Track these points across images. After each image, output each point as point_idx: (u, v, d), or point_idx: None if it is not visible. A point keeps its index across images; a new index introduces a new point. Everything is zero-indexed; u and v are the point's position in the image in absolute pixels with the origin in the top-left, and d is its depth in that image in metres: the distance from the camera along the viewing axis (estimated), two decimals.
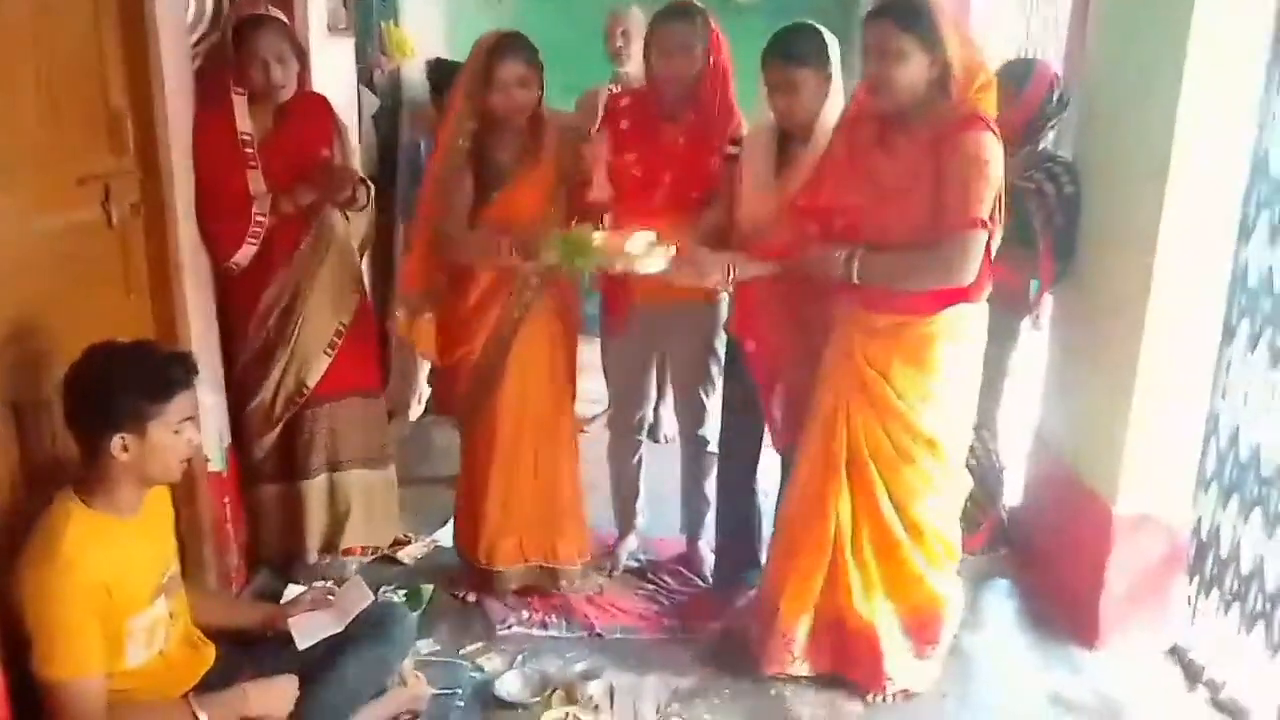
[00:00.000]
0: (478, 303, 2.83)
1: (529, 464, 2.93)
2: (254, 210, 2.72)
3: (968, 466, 2.65)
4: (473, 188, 2.77)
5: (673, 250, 2.53)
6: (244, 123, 2.74)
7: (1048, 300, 3.11)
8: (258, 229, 2.73)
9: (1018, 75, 2.98)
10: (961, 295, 2.33)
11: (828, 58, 2.59)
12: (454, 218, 2.76)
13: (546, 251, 2.58)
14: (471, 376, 2.89)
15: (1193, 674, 2.74)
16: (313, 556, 3.04)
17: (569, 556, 3.03)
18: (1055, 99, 2.99)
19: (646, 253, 2.52)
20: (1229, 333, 2.65)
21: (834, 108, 2.59)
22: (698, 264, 2.53)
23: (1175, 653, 2.83)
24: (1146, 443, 2.72)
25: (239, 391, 2.91)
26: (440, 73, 4.04)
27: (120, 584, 1.89)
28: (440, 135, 2.83)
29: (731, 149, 2.79)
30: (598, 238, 2.57)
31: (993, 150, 2.23)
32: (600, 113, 3.19)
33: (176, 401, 1.91)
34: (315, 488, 3.01)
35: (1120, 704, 2.65)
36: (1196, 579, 2.80)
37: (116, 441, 1.85)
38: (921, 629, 2.58)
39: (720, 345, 3.00)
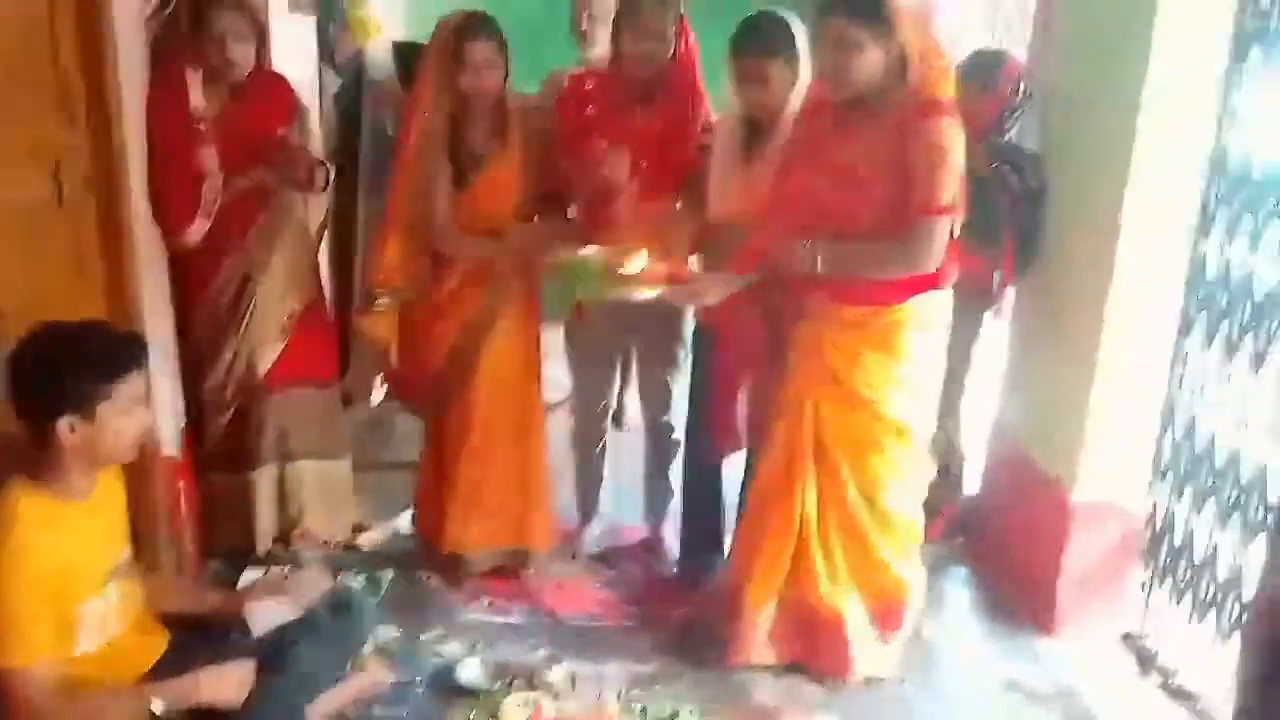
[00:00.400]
0: (454, 291, 2.80)
1: (499, 450, 2.91)
2: (204, 188, 2.66)
3: (931, 456, 2.67)
4: (450, 175, 2.72)
5: (666, 278, 2.52)
6: (198, 99, 2.68)
7: (1009, 291, 3.13)
8: (208, 207, 2.67)
9: (989, 65, 2.99)
10: (929, 282, 2.34)
11: (796, 47, 2.58)
12: (438, 208, 2.71)
13: (550, 278, 2.57)
14: (444, 361, 2.85)
15: (1145, 660, 2.79)
16: (262, 548, 2.99)
17: (537, 541, 3.02)
18: (1021, 90, 3.01)
19: (643, 280, 2.50)
20: (1187, 325, 2.68)
21: (801, 96, 2.59)
22: (694, 290, 2.53)
23: (1129, 639, 2.88)
24: (1104, 432, 2.76)
25: (192, 374, 2.85)
26: (409, 55, 3.97)
27: (71, 569, 1.85)
28: (409, 121, 2.77)
29: (705, 139, 2.77)
30: (595, 261, 2.52)
31: (954, 136, 2.24)
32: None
33: (126, 383, 1.86)
34: (264, 477, 2.96)
35: (1075, 690, 2.68)
36: (1151, 567, 2.85)
37: (64, 424, 1.80)
38: (886, 614, 2.60)
39: (687, 331, 2.99)
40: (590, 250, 2.57)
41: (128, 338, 1.96)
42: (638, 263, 2.50)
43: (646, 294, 2.51)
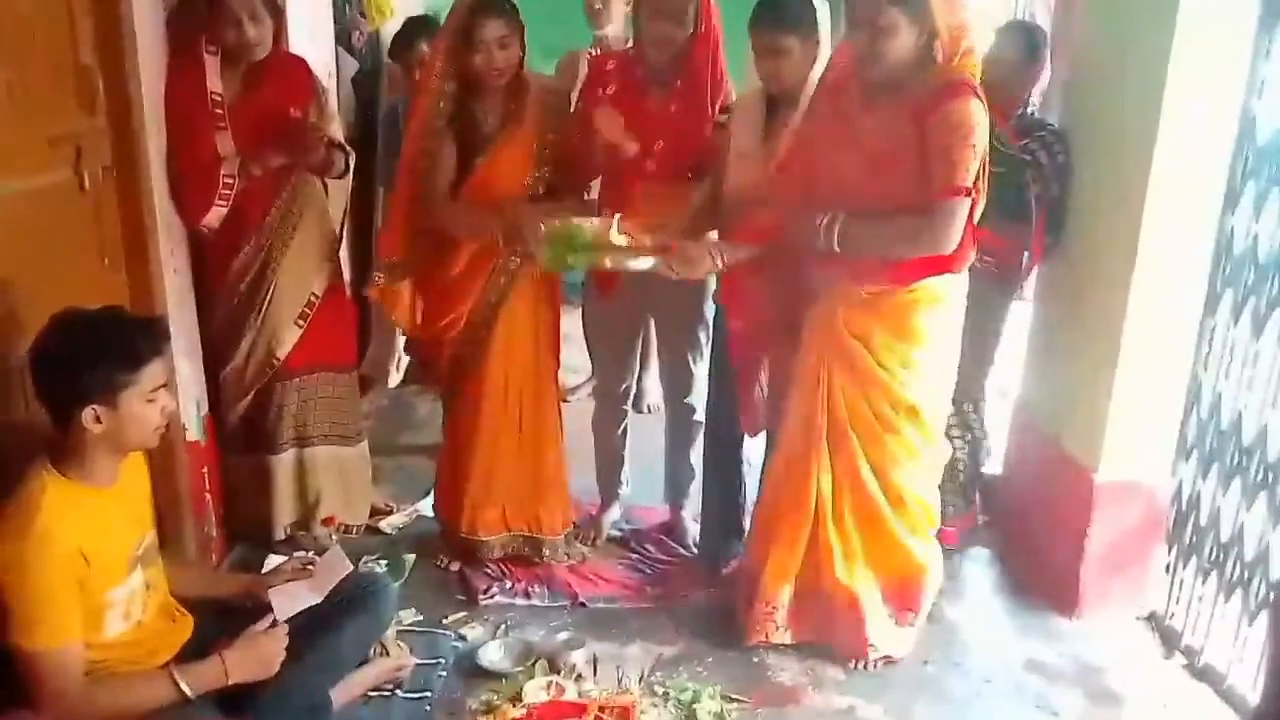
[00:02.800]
0: (463, 271, 2.79)
1: (513, 434, 2.91)
2: (222, 172, 2.66)
3: (956, 441, 2.66)
4: (455, 153, 2.71)
5: (657, 248, 2.50)
6: (215, 82, 2.67)
7: (1034, 270, 3.10)
8: (226, 191, 2.67)
9: (1030, 37, 2.96)
10: (944, 265, 2.32)
11: (815, 22, 2.55)
12: (438, 185, 2.71)
13: (537, 250, 2.55)
14: (456, 346, 2.85)
15: (1170, 641, 2.77)
16: (280, 533, 3.01)
17: (552, 526, 3.01)
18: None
19: (634, 250, 2.48)
20: (1212, 302, 2.65)
21: (819, 71, 2.56)
22: (687, 258, 2.49)
23: (1153, 619, 2.86)
24: (1128, 411, 2.73)
25: (213, 359, 2.87)
26: (408, 33, 3.95)
27: (97, 554, 1.86)
28: (418, 98, 2.77)
29: (720, 118, 2.75)
30: (588, 232, 2.51)
31: (978, 117, 2.21)
32: (582, 76, 3.14)
33: (149, 370, 1.86)
34: (283, 463, 2.97)
35: (1098, 670, 2.67)
36: (1175, 547, 2.82)
37: (89, 413, 1.81)
38: (902, 596, 2.60)
39: (709, 311, 2.98)
40: (580, 219, 2.56)
41: (150, 324, 1.96)
42: (623, 237, 2.49)
43: (639, 264, 2.49)
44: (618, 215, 2.53)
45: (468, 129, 2.72)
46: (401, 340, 4.23)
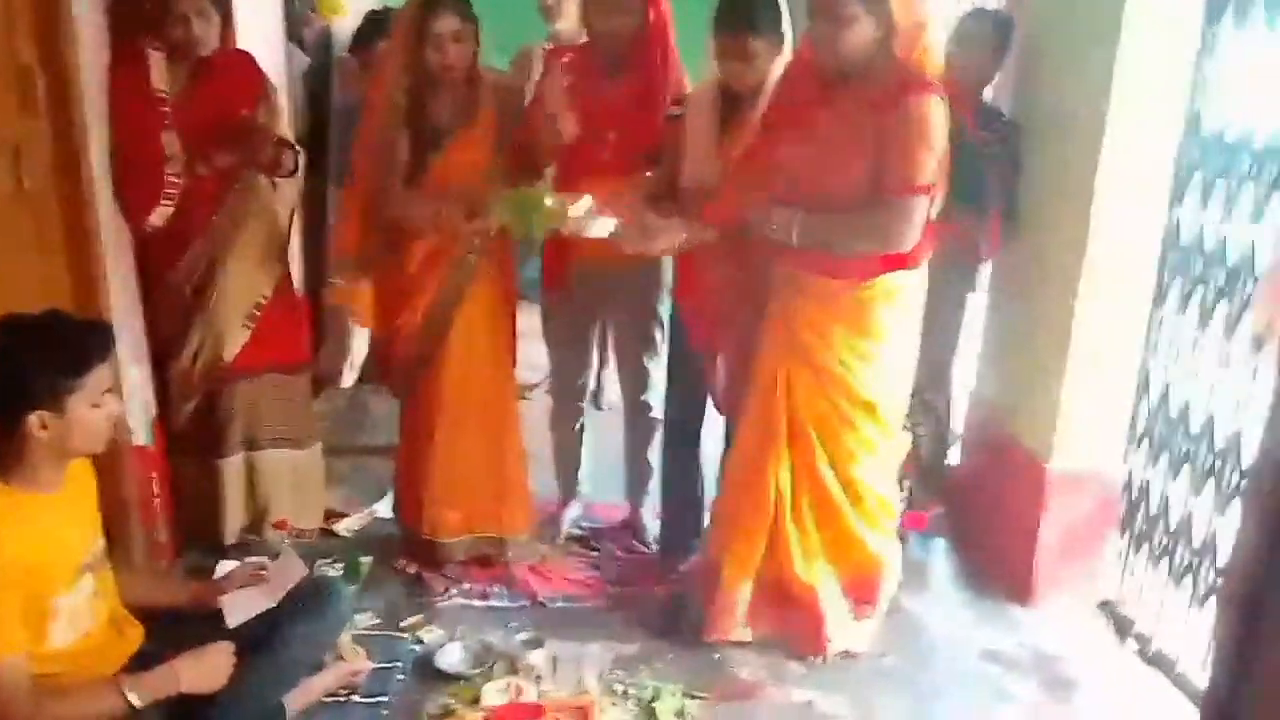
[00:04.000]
0: (419, 268, 2.76)
1: (472, 433, 2.88)
2: (167, 171, 2.61)
3: (919, 428, 2.69)
4: (409, 149, 2.69)
5: (619, 214, 2.49)
6: (160, 80, 2.62)
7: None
8: (171, 191, 2.63)
9: (999, 25, 2.98)
10: (901, 261, 2.33)
11: (780, 23, 2.55)
12: (393, 179, 2.68)
13: (497, 210, 2.54)
14: (412, 344, 2.82)
15: (1123, 628, 2.82)
16: (231, 538, 2.96)
17: (515, 525, 3.00)
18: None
19: (594, 217, 2.47)
20: (1161, 292, 2.69)
21: (782, 68, 2.56)
22: (645, 230, 2.48)
23: (1106, 607, 2.91)
24: (1080, 400, 2.77)
25: (160, 361, 2.81)
26: (369, 28, 3.91)
27: (42, 562, 1.82)
28: (372, 94, 2.74)
29: (674, 110, 2.74)
30: (547, 197, 2.51)
31: (937, 115, 2.22)
32: (537, 70, 3.12)
33: (94, 374, 1.83)
34: (232, 466, 2.93)
35: (1053, 658, 2.71)
36: (1127, 534, 2.87)
37: (33, 419, 1.77)
38: (860, 590, 2.61)
39: (664, 309, 2.98)
40: (534, 189, 2.57)
41: (93, 327, 1.92)
42: (583, 205, 2.49)
43: (598, 229, 2.48)
44: (585, 194, 2.53)
45: (422, 124, 2.69)
46: (356, 340, 4.19)
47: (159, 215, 2.63)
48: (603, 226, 2.48)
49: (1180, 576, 2.63)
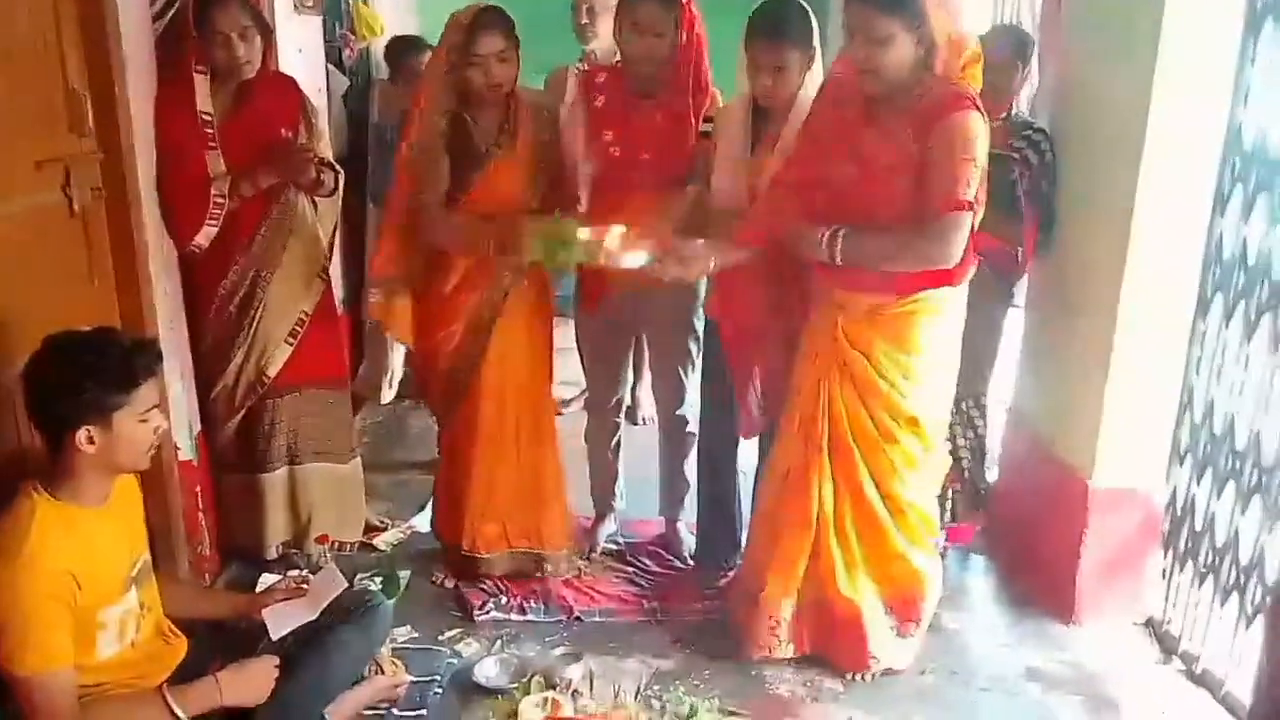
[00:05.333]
0: (458, 286, 2.79)
1: (511, 448, 2.91)
2: (213, 192, 2.66)
3: (960, 440, 2.67)
4: (451, 168, 2.71)
5: (652, 244, 2.49)
6: (204, 102, 2.67)
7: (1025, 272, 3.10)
8: (217, 211, 2.67)
9: (1020, 41, 2.96)
10: (945, 278, 2.31)
11: (812, 34, 2.56)
12: (432, 200, 2.70)
13: (530, 248, 2.55)
14: (451, 360, 2.85)
15: (1168, 646, 2.77)
16: (273, 551, 3.00)
17: (553, 540, 3.01)
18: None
19: (627, 247, 2.48)
20: (1203, 306, 2.66)
21: (814, 82, 2.57)
22: (680, 259, 2.47)
23: (1150, 625, 2.86)
24: (1122, 416, 2.73)
25: (204, 377, 2.86)
26: (397, 50, 3.97)
27: (89, 575, 1.85)
28: (413, 115, 2.76)
29: (705, 126, 2.76)
30: (581, 232, 2.51)
31: (979, 131, 2.21)
32: (572, 90, 3.15)
33: (142, 390, 1.86)
34: (274, 481, 2.96)
35: (1096, 677, 2.67)
36: (1171, 552, 2.82)
37: (82, 434, 1.80)
38: (904, 607, 2.59)
39: (699, 323, 2.99)
40: (572, 220, 2.58)
41: (142, 344, 1.95)
42: (614, 236, 2.49)
43: (632, 261, 2.48)
44: (615, 226, 2.53)
45: (464, 144, 2.72)
46: (395, 356, 4.23)
47: (204, 235, 2.68)
48: (636, 258, 2.49)
49: (1226, 594, 2.58)
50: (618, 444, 3.26)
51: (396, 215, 2.82)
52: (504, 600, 2.92)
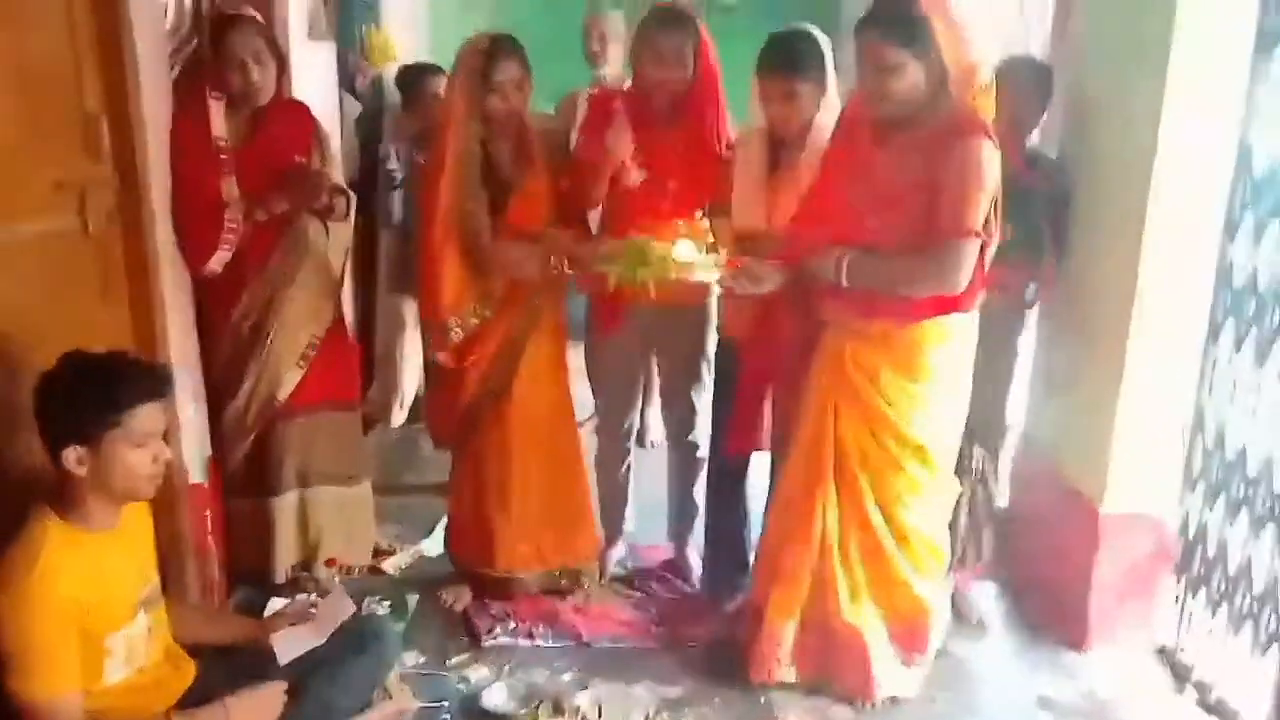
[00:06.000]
0: (495, 313, 2.80)
1: (542, 468, 2.92)
2: (226, 217, 2.68)
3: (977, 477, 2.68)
4: (487, 197, 2.73)
5: (723, 257, 2.51)
6: (219, 128, 2.69)
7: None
8: (230, 235, 2.69)
9: (1037, 71, 2.87)
10: (953, 304, 2.32)
11: (824, 65, 2.57)
12: (483, 230, 2.71)
13: (607, 265, 2.56)
14: (481, 384, 2.85)
15: (1181, 674, 2.74)
16: (280, 576, 2.99)
17: (587, 554, 3.04)
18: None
19: (700, 261, 2.50)
20: (1214, 331, 2.65)
21: (827, 110, 2.58)
22: (753, 275, 2.47)
23: (1163, 653, 2.84)
24: (1133, 442, 2.72)
25: (215, 401, 2.86)
26: (408, 77, 4.00)
27: (98, 600, 1.86)
28: (442, 145, 2.72)
29: (727, 153, 2.77)
30: (656, 247, 2.52)
31: (990, 158, 2.22)
32: (581, 115, 3.17)
33: (134, 414, 1.83)
34: (285, 505, 2.95)
35: (1109, 705, 2.65)
36: (1184, 579, 2.80)
37: (70, 455, 1.79)
38: (909, 637, 2.57)
39: (710, 346, 2.98)
40: (643, 238, 2.56)
41: (145, 369, 1.92)
42: (683, 249, 2.50)
43: (704, 276, 2.50)
44: (682, 240, 2.55)
45: (490, 174, 2.74)
46: (406, 378, 4.24)
47: (218, 260, 2.69)
48: (708, 273, 2.50)
49: (1240, 622, 2.56)
50: (628, 468, 3.26)
51: (450, 249, 2.72)
52: (512, 625, 2.91)
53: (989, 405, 2.78)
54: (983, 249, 2.27)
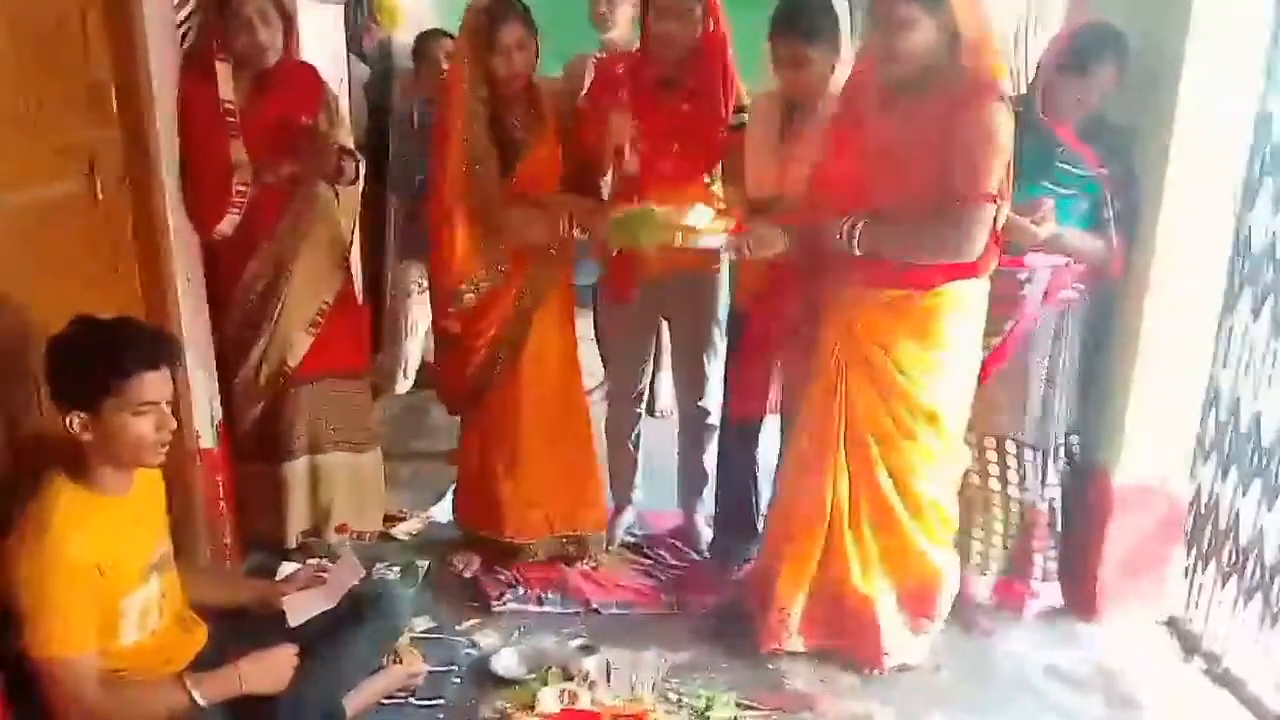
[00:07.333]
0: (504, 278, 2.79)
1: (552, 434, 2.93)
2: (235, 180, 2.66)
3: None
4: (498, 160, 2.71)
5: (731, 223, 2.50)
6: (227, 90, 2.67)
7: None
8: (239, 199, 2.67)
9: (1117, 46, 2.50)
10: (968, 270, 2.30)
11: (837, 29, 2.54)
12: (492, 194, 2.70)
13: (614, 230, 2.55)
14: (491, 350, 2.85)
15: (1190, 645, 2.75)
16: (293, 540, 3.00)
17: (596, 521, 3.05)
18: None
19: (706, 226, 2.48)
20: (1230, 301, 2.62)
21: (842, 75, 2.55)
22: (760, 237, 2.47)
23: (1172, 624, 2.84)
24: (1147, 412, 2.70)
25: (225, 366, 2.86)
26: (422, 42, 3.97)
27: (112, 563, 1.86)
28: (446, 111, 2.72)
29: (734, 119, 2.74)
30: (661, 213, 2.50)
31: (1004, 122, 2.19)
32: (589, 80, 3.13)
33: (135, 381, 1.82)
34: (296, 470, 2.96)
35: (1117, 675, 2.65)
36: (1194, 550, 2.79)
37: (73, 419, 1.80)
38: (918, 603, 2.57)
39: (723, 312, 2.97)
40: (650, 203, 2.55)
41: (148, 336, 1.91)
42: (698, 214, 2.49)
43: (710, 241, 2.49)
44: (697, 205, 2.53)
45: (498, 138, 2.72)
46: (411, 346, 4.24)
47: (228, 223, 2.68)
48: (715, 238, 2.49)
49: (1250, 594, 2.56)
50: (637, 436, 3.26)
51: (458, 212, 2.71)
52: (521, 591, 2.92)
53: (1046, 407, 2.69)
54: (996, 213, 2.24)
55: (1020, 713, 2.51)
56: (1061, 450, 2.76)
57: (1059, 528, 2.80)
